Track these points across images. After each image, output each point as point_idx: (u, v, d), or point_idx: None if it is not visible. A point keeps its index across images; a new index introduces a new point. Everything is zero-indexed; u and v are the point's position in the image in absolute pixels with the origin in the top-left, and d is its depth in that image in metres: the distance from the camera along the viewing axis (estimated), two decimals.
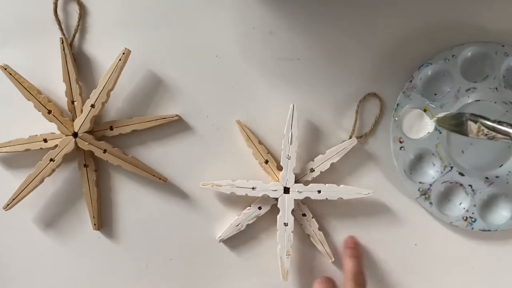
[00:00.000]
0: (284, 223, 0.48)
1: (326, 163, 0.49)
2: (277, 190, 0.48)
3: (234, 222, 0.49)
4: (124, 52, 0.48)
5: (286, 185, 0.48)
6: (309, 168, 0.49)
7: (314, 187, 0.48)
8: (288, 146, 0.48)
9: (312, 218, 0.49)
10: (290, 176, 0.48)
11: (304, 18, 0.49)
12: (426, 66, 0.48)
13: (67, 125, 0.49)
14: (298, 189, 0.48)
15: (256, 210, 0.49)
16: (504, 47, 0.47)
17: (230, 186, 0.48)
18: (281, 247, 0.48)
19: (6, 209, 0.50)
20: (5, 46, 0.51)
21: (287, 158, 0.48)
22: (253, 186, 0.48)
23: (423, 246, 0.51)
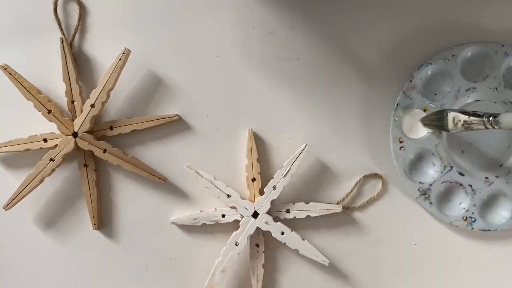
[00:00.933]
0: (235, 242, 0.48)
1: (303, 213, 0.49)
2: (248, 209, 0.48)
3: (193, 215, 0.50)
4: (124, 52, 0.48)
5: (258, 210, 0.48)
6: (286, 208, 0.49)
7: (279, 227, 0.48)
8: (280, 178, 0.48)
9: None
10: (265, 205, 0.48)
11: (304, 18, 0.49)
12: (426, 66, 0.48)
13: (67, 125, 0.49)
14: (266, 219, 0.48)
15: (219, 217, 0.49)
16: (504, 47, 0.47)
17: (208, 181, 0.48)
18: (221, 260, 0.48)
19: (6, 209, 0.50)
20: (5, 46, 0.51)
21: (273, 188, 0.48)
22: (229, 193, 0.48)
23: (423, 246, 0.51)
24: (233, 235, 0.48)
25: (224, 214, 0.49)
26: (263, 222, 0.48)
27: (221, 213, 0.49)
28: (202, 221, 0.49)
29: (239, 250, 0.48)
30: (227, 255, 0.48)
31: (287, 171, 0.48)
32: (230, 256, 0.48)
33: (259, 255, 0.49)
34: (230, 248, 0.48)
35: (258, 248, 0.49)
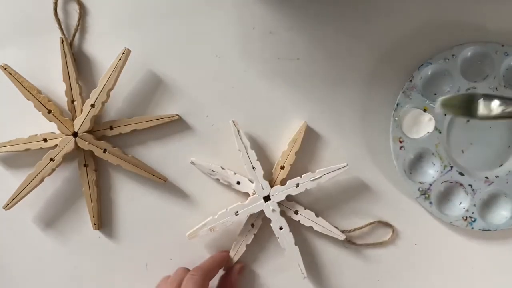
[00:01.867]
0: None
1: (308, 222, 0.49)
2: (263, 190, 0.48)
3: (213, 167, 0.50)
4: (124, 52, 0.48)
5: (264, 194, 0.48)
6: (295, 209, 0.49)
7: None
8: (308, 180, 0.48)
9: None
10: (280, 195, 0.48)
11: (304, 18, 0.49)
12: (426, 66, 0.48)
13: (67, 125, 0.49)
14: (273, 207, 0.48)
15: (234, 182, 0.49)
16: (504, 46, 0.47)
17: (244, 146, 0.48)
18: (214, 219, 0.48)
19: (6, 209, 0.50)
20: (5, 45, 0.51)
21: (295, 185, 0.48)
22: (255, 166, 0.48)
23: (423, 246, 0.51)
24: (237, 205, 0.48)
25: (240, 181, 0.49)
26: (269, 209, 0.48)
27: (237, 179, 0.49)
28: (218, 176, 0.49)
29: (235, 220, 0.48)
30: (223, 218, 0.48)
31: (317, 177, 0.48)
32: (224, 221, 0.48)
33: (248, 235, 0.49)
34: (228, 214, 0.48)
35: (252, 228, 0.49)
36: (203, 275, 0.45)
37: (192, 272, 0.45)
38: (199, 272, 0.45)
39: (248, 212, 0.48)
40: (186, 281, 0.44)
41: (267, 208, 0.48)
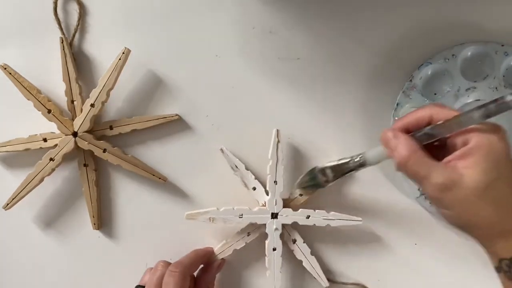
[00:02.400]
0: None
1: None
2: (264, 216, 0.48)
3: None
4: (124, 52, 0.48)
5: (274, 210, 0.48)
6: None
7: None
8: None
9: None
10: (278, 202, 0.48)
11: (304, 17, 0.49)
12: (426, 66, 0.48)
13: (66, 125, 0.49)
14: (286, 213, 0.48)
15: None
16: (504, 46, 0.47)
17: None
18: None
19: (6, 209, 0.50)
20: (5, 45, 0.51)
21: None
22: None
23: (423, 246, 0.51)
24: (245, 208, 0.48)
25: (256, 188, 0.49)
26: (273, 226, 0.48)
27: (254, 185, 0.48)
28: (238, 174, 0.49)
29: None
30: (226, 214, 0.48)
31: (329, 219, 0.48)
32: (226, 217, 0.47)
33: (240, 241, 0.49)
34: (233, 212, 0.48)
35: (246, 236, 0.49)
36: (183, 271, 0.44)
37: (172, 268, 0.45)
38: (179, 267, 0.45)
39: (252, 219, 0.48)
40: (167, 278, 0.44)
41: (271, 225, 0.48)
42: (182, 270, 0.44)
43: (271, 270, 0.48)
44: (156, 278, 0.45)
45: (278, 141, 0.48)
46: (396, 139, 0.37)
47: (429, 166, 0.36)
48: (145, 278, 0.47)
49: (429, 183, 0.35)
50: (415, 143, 0.37)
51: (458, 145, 0.36)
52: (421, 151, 0.36)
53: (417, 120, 0.38)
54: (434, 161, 0.36)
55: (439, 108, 0.37)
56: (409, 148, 0.36)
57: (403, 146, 0.36)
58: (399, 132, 0.38)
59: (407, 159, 0.36)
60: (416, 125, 0.38)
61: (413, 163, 0.36)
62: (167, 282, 0.43)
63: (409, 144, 0.36)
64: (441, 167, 0.35)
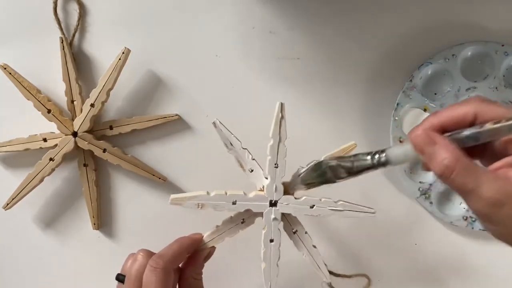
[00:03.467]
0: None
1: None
2: (261, 204, 0.42)
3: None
4: (124, 52, 0.48)
5: (273, 198, 0.42)
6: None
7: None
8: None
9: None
10: (278, 188, 0.42)
11: (304, 17, 0.49)
12: (426, 66, 0.48)
13: (66, 125, 0.49)
14: (287, 201, 0.42)
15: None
16: (504, 46, 0.47)
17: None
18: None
19: (6, 209, 0.50)
20: (4, 45, 0.51)
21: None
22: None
23: (423, 246, 0.51)
24: (240, 194, 0.42)
25: (253, 170, 0.42)
26: (271, 215, 0.42)
27: (252, 167, 0.42)
28: (233, 153, 0.42)
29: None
30: (217, 200, 0.41)
31: (338, 209, 0.42)
32: (217, 204, 0.41)
33: (234, 228, 0.43)
34: (225, 198, 0.42)
35: (241, 224, 0.43)
36: (166, 267, 0.39)
37: (153, 263, 0.39)
38: (160, 263, 0.39)
39: (247, 207, 0.42)
40: (148, 275, 0.38)
41: (269, 213, 0.42)
42: (164, 266, 0.38)
43: (266, 263, 0.42)
44: (135, 270, 0.39)
45: (281, 117, 0.41)
46: (433, 144, 0.31)
47: (477, 177, 0.30)
48: (126, 266, 0.42)
49: (477, 197, 0.30)
50: (458, 149, 0.30)
51: (510, 149, 0.31)
52: (466, 159, 0.30)
53: (457, 119, 0.31)
54: (482, 170, 0.30)
55: (485, 104, 0.31)
56: (453, 155, 0.30)
57: (444, 153, 0.30)
58: (436, 134, 0.31)
59: (451, 170, 0.30)
60: (456, 124, 0.32)
61: (458, 173, 0.30)
62: (149, 281, 0.38)
63: (452, 150, 0.30)
64: (492, 178, 0.30)
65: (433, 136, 0.31)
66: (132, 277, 0.39)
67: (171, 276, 0.39)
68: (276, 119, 0.41)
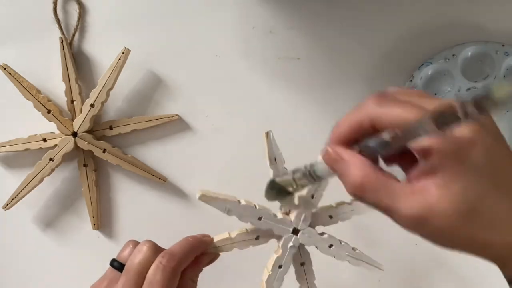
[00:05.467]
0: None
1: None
2: (285, 228, 0.40)
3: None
4: (124, 52, 0.48)
5: (298, 226, 0.40)
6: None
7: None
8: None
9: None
10: (306, 218, 0.40)
11: (304, 17, 0.49)
12: (427, 66, 0.47)
13: (66, 125, 0.49)
14: (309, 234, 0.40)
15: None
16: (504, 46, 0.47)
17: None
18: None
19: (6, 209, 0.50)
20: (4, 45, 0.51)
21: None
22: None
23: (423, 246, 0.50)
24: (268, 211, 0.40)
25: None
26: (306, 237, 0.40)
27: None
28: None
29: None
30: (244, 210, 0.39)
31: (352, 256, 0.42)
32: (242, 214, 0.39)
33: (246, 242, 0.41)
34: (252, 211, 0.39)
35: (255, 240, 0.41)
36: (176, 268, 0.35)
37: (164, 261, 0.35)
38: (171, 262, 0.35)
39: (271, 226, 0.40)
40: (155, 271, 0.35)
41: (288, 240, 0.40)
42: (175, 267, 0.35)
43: (267, 287, 0.40)
44: (139, 263, 0.35)
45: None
46: (341, 161, 0.28)
47: (392, 193, 0.27)
48: (124, 253, 0.38)
49: (398, 215, 0.27)
50: (367, 163, 0.27)
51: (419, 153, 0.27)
52: (377, 174, 0.27)
53: (355, 129, 0.29)
54: (396, 183, 0.27)
55: (379, 108, 0.27)
56: (361, 172, 0.27)
57: (353, 170, 0.27)
58: (343, 150, 0.29)
59: (363, 188, 0.27)
60: (357, 133, 0.29)
61: (370, 190, 0.27)
62: (155, 280, 0.34)
63: (360, 166, 0.27)
64: (409, 193, 0.27)
65: (340, 152, 0.28)
66: (134, 270, 0.35)
67: (178, 278, 0.36)
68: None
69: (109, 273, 0.38)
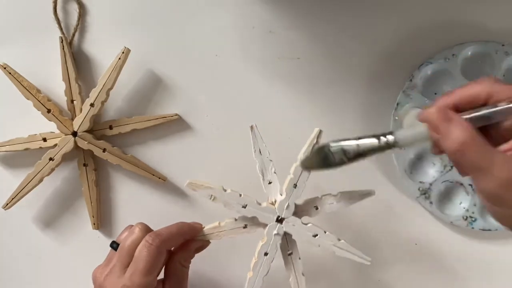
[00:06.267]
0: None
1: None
2: (269, 216, 0.43)
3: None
4: (124, 51, 0.48)
5: (282, 215, 0.43)
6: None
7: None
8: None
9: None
10: (290, 206, 0.43)
11: (304, 17, 0.49)
12: (426, 65, 0.48)
13: (66, 124, 0.49)
14: (293, 222, 0.43)
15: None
16: (504, 46, 0.47)
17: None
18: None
19: (5, 209, 0.50)
20: (4, 45, 0.51)
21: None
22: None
23: (423, 246, 0.50)
24: (253, 201, 0.43)
25: (272, 182, 0.43)
26: (291, 226, 0.43)
27: (271, 179, 0.43)
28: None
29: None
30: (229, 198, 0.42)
31: (340, 248, 0.43)
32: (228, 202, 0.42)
33: (235, 230, 0.43)
34: (237, 199, 0.42)
35: (243, 229, 0.43)
36: (160, 246, 0.40)
37: (149, 239, 0.40)
38: (156, 240, 0.40)
39: (255, 214, 0.43)
40: (141, 249, 0.39)
41: (273, 227, 0.43)
42: (159, 245, 0.40)
43: (253, 273, 0.43)
44: (130, 242, 0.40)
45: (316, 143, 0.43)
46: (448, 121, 0.30)
47: (491, 156, 0.29)
48: (122, 236, 0.43)
49: (490, 177, 0.29)
50: (472, 127, 0.30)
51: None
52: (481, 138, 0.30)
53: (471, 98, 0.31)
54: (496, 150, 0.30)
55: (498, 85, 0.31)
56: (468, 133, 0.30)
57: (459, 130, 0.30)
58: (451, 112, 0.31)
59: (466, 147, 0.30)
60: (469, 103, 0.32)
61: (473, 151, 0.29)
62: (140, 256, 0.39)
63: (467, 128, 0.30)
64: (506, 159, 0.29)
65: (449, 113, 0.31)
66: (125, 248, 0.40)
67: (162, 256, 0.40)
68: (310, 143, 0.43)
69: (110, 253, 0.44)
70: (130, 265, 0.40)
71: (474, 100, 0.31)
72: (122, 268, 0.40)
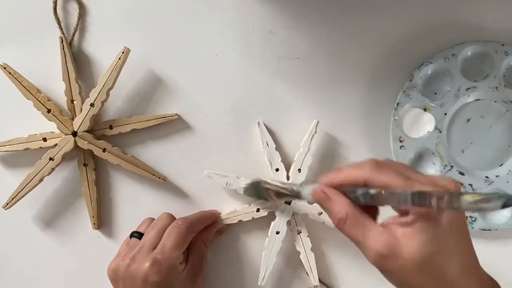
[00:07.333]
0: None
1: None
2: None
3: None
4: (124, 51, 0.48)
5: None
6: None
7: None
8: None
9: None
10: None
11: (304, 17, 0.49)
12: (426, 65, 0.48)
13: (66, 124, 0.49)
14: (300, 203, 0.48)
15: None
16: (504, 46, 0.47)
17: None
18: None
19: (6, 208, 0.50)
20: (4, 45, 0.51)
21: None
22: None
23: None
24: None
25: (279, 169, 0.49)
26: (298, 206, 0.48)
27: (279, 166, 0.49)
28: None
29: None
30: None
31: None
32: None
33: (249, 214, 0.49)
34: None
35: (256, 212, 0.49)
36: (189, 227, 0.45)
37: (179, 221, 0.45)
38: (185, 223, 0.45)
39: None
40: (171, 229, 0.45)
41: (281, 209, 0.48)
42: (188, 226, 0.45)
43: (267, 251, 0.48)
44: (160, 226, 0.45)
45: (315, 132, 0.48)
46: (329, 200, 0.35)
47: (366, 230, 0.33)
48: (143, 226, 0.48)
49: (366, 249, 0.33)
50: (350, 204, 0.34)
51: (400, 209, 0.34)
52: (356, 213, 0.34)
53: (352, 182, 0.35)
54: (372, 224, 0.34)
55: (376, 173, 0.34)
56: (344, 210, 0.34)
57: (337, 208, 0.34)
58: (332, 191, 0.35)
59: (343, 222, 0.34)
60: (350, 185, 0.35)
61: (349, 225, 0.34)
62: (171, 233, 0.44)
63: (344, 205, 0.34)
64: (379, 233, 0.33)
65: (329, 193, 0.35)
66: (155, 231, 0.45)
67: (190, 236, 0.45)
68: (310, 133, 0.48)
69: (130, 243, 0.47)
70: (160, 243, 0.44)
71: (355, 184, 0.34)
72: (150, 248, 0.44)
